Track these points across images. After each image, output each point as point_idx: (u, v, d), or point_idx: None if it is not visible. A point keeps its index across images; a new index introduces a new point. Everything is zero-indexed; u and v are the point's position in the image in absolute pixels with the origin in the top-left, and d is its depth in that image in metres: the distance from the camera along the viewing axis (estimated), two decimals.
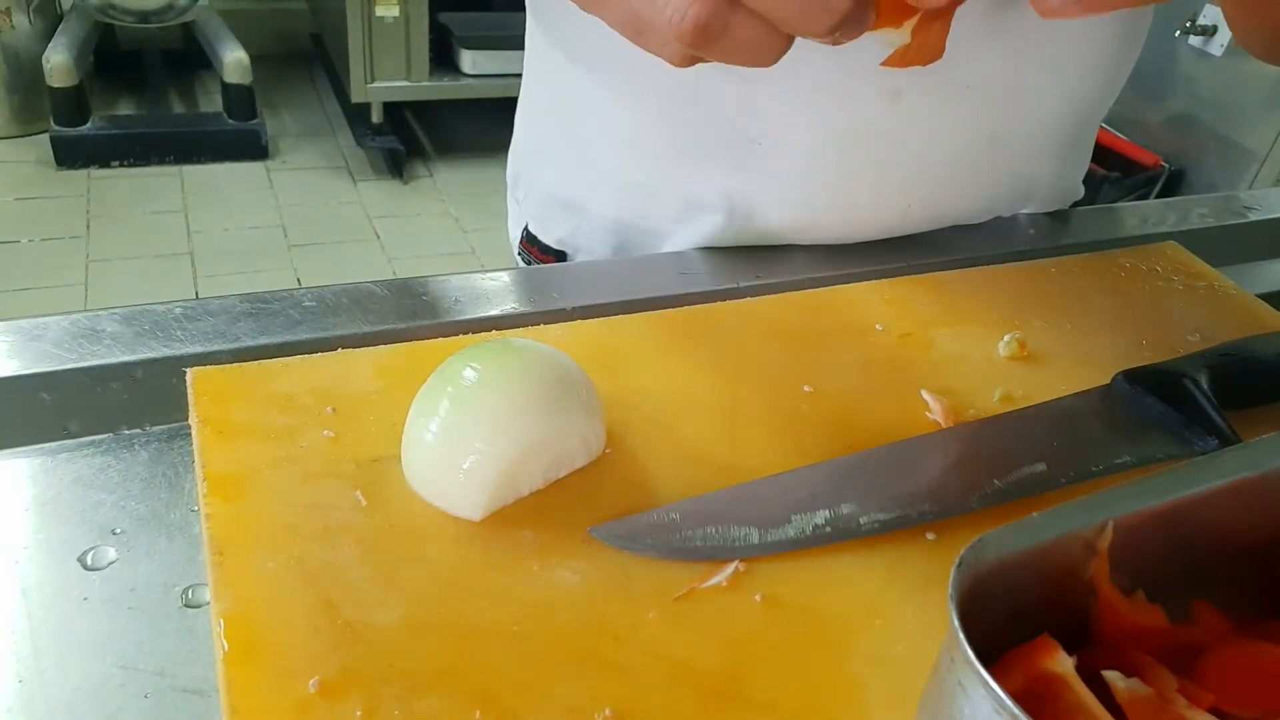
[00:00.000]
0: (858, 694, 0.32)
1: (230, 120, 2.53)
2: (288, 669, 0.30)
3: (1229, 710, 0.29)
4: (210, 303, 0.45)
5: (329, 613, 0.31)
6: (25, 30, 2.42)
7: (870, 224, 0.57)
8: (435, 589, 0.33)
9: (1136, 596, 0.32)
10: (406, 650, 0.31)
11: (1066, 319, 0.53)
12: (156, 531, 0.36)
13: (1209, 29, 1.95)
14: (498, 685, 0.30)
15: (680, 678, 0.31)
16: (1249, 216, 0.71)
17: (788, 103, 0.51)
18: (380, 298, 0.48)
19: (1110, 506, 0.30)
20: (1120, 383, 0.46)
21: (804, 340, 0.48)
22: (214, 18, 2.59)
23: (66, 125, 2.36)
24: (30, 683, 0.31)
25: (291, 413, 0.39)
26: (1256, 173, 1.98)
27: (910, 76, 0.50)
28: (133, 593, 0.34)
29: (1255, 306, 0.57)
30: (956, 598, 0.25)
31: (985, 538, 0.27)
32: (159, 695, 0.31)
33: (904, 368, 0.47)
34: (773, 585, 0.35)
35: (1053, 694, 0.27)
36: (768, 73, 0.50)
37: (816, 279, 0.55)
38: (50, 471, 0.38)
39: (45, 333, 0.42)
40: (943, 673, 0.26)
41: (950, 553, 0.26)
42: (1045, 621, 0.29)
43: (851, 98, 0.50)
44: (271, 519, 0.34)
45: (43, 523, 0.36)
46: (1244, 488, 0.32)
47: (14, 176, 2.35)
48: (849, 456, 0.41)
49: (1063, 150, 0.61)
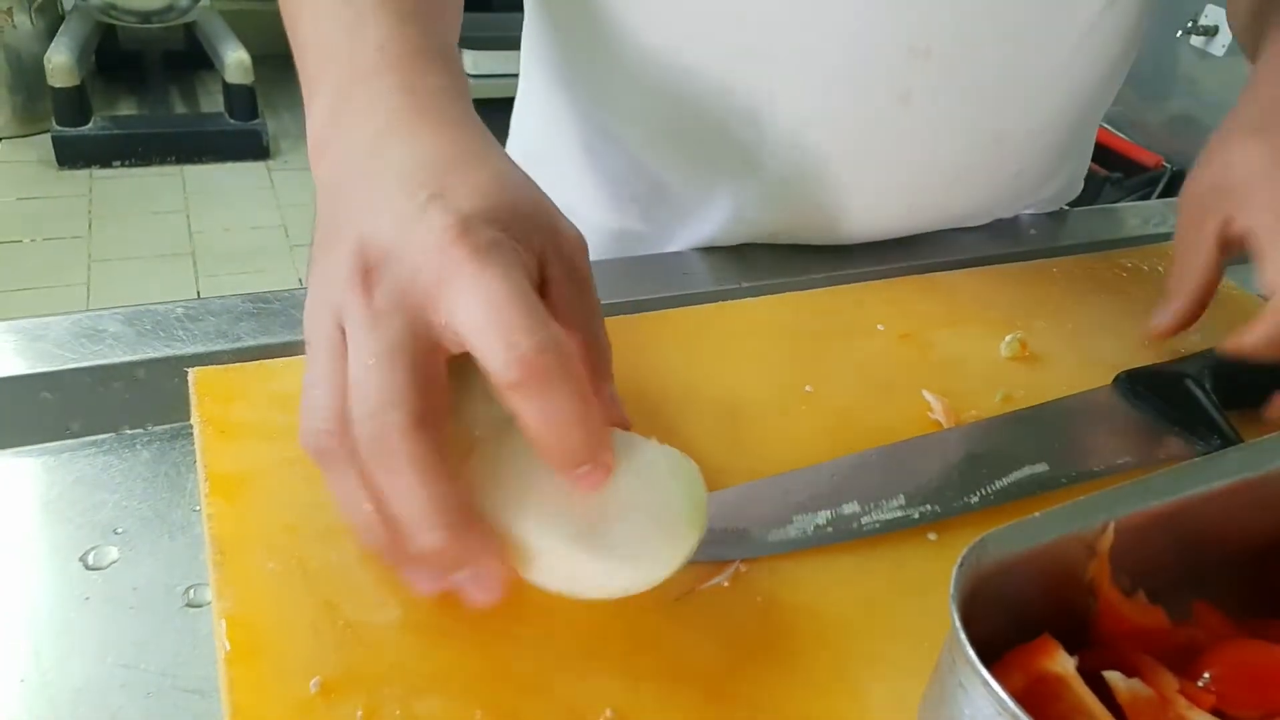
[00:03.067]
0: (858, 694, 0.32)
1: (231, 120, 2.53)
2: (289, 669, 0.30)
3: (1229, 710, 0.29)
4: (212, 302, 0.45)
5: (330, 613, 0.31)
6: (27, 30, 2.42)
7: (872, 224, 0.57)
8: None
9: (1137, 597, 0.32)
10: (407, 651, 0.31)
11: (1068, 319, 0.53)
12: (158, 531, 0.36)
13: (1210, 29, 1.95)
14: (498, 686, 0.30)
15: (681, 678, 0.31)
16: None
17: (797, 103, 0.51)
18: None
19: (1111, 507, 0.30)
20: (1122, 383, 0.46)
21: (804, 340, 0.48)
22: (215, 18, 2.60)
23: (68, 125, 2.37)
24: (32, 682, 0.31)
25: (293, 412, 0.38)
26: None
27: (920, 77, 0.50)
28: (134, 592, 0.34)
29: (1255, 306, 0.57)
30: (958, 598, 0.25)
31: (986, 538, 0.27)
32: (161, 695, 0.31)
33: (905, 368, 0.47)
34: (773, 586, 0.35)
35: (1054, 694, 0.27)
36: (777, 73, 0.50)
37: (816, 279, 0.55)
38: (52, 471, 0.38)
39: (47, 333, 0.42)
40: (944, 673, 0.26)
41: (951, 553, 0.26)
42: (1046, 622, 0.29)
43: (863, 98, 0.50)
44: (273, 519, 0.34)
45: (45, 522, 0.36)
46: (1244, 488, 0.32)
47: (15, 176, 2.35)
48: (850, 456, 0.41)
49: (1063, 149, 0.61)
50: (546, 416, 0.27)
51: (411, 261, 0.28)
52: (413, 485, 0.27)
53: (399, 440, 0.27)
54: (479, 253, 0.28)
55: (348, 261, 0.29)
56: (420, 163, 0.30)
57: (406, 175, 0.30)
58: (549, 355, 0.27)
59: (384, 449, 0.27)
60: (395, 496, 0.27)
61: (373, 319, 0.28)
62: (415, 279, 0.28)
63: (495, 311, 0.27)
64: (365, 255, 0.29)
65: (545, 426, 0.27)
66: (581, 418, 0.28)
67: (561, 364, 0.27)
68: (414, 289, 0.28)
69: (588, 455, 0.28)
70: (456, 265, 0.27)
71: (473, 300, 0.27)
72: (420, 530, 0.27)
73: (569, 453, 0.28)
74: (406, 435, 0.27)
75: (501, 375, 0.27)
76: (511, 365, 0.27)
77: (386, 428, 0.27)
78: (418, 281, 0.28)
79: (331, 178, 0.33)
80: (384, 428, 0.27)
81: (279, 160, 2.59)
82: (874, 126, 0.52)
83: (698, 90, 0.52)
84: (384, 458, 0.27)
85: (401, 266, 0.28)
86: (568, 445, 0.28)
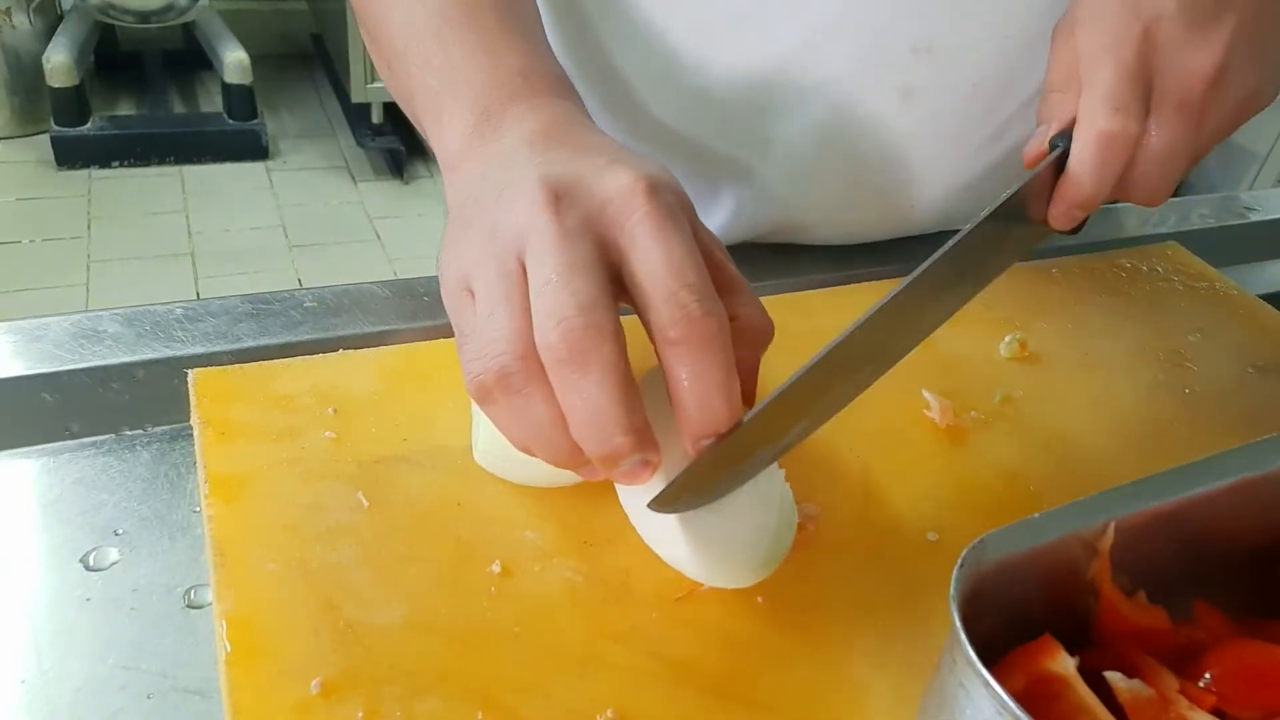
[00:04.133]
0: (858, 694, 0.32)
1: (230, 120, 2.53)
2: (289, 670, 0.30)
3: (1229, 710, 0.29)
4: (211, 303, 0.45)
5: (330, 614, 0.31)
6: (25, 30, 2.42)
7: (873, 224, 0.57)
8: (436, 590, 0.33)
9: (1138, 597, 0.32)
10: (407, 651, 0.31)
11: (1068, 320, 0.53)
12: (158, 532, 0.36)
13: None
14: (498, 686, 0.30)
15: (681, 678, 0.31)
16: (1249, 217, 0.71)
17: (799, 102, 0.51)
18: (381, 298, 0.48)
19: (1111, 507, 0.30)
20: None
21: (804, 341, 0.48)
22: (214, 18, 2.59)
23: (67, 125, 2.36)
24: (32, 683, 0.31)
25: (293, 414, 0.39)
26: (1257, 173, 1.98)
27: (921, 76, 0.50)
28: (134, 593, 0.34)
29: (1255, 307, 0.57)
30: (958, 598, 0.25)
31: (986, 538, 0.27)
32: (161, 696, 0.31)
33: (904, 368, 0.47)
34: (773, 586, 0.35)
35: (1054, 694, 0.27)
36: (780, 72, 0.50)
37: (816, 279, 0.55)
38: (52, 472, 0.38)
39: (46, 333, 0.42)
40: (944, 673, 0.26)
41: (951, 553, 0.26)
42: (1046, 622, 0.29)
43: (864, 96, 0.50)
44: (273, 520, 0.34)
45: (45, 523, 0.36)
46: (1244, 488, 0.32)
47: (14, 177, 2.35)
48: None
49: None
50: (697, 377, 0.28)
51: (603, 195, 0.30)
52: (607, 387, 0.28)
53: (598, 340, 0.27)
54: (663, 210, 0.29)
55: (532, 193, 0.30)
56: (582, 148, 0.32)
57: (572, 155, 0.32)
58: (713, 320, 0.28)
59: (582, 349, 0.27)
60: (586, 398, 0.28)
61: (564, 234, 0.29)
62: (605, 210, 0.30)
63: (674, 267, 0.29)
64: (553, 187, 0.30)
65: (693, 387, 0.29)
66: (727, 388, 0.29)
67: (720, 332, 0.29)
68: (603, 218, 0.30)
69: (725, 425, 0.29)
70: (645, 213, 0.29)
71: (656, 249, 0.29)
72: (609, 433, 0.28)
73: (708, 419, 0.29)
74: (603, 336, 0.28)
75: (666, 329, 0.28)
76: (679, 321, 0.28)
77: (587, 329, 0.27)
78: (607, 212, 0.30)
79: (471, 180, 0.34)
80: (584, 329, 0.27)
81: (278, 160, 2.58)
82: (875, 124, 0.52)
83: (699, 90, 0.52)
84: (582, 357, 0.27)
85: (592, 199, 0.30)
86: (708, 411, 0.29)
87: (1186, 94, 0.38)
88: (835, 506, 0.39)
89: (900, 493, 0.40)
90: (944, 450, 0.43)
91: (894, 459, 0.42)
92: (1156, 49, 0.38)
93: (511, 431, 0.31)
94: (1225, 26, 0.38)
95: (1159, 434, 0.46)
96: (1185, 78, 0.38)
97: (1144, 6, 0.38)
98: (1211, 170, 2.06)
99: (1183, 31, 0.38)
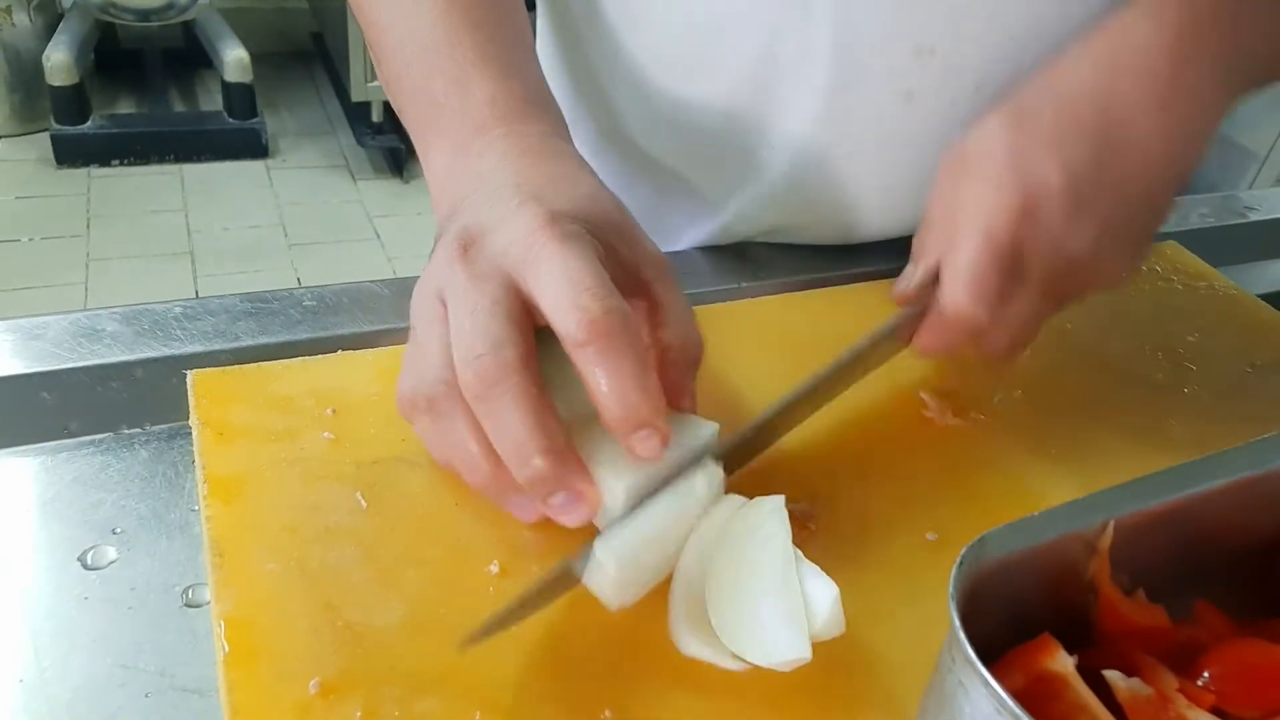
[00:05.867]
0: (858, 694, 0.32)
1: (230, 119, 2.53)
2: (288, 670, 0.30)
3: (1229, 710, 0.29)
4: (210, 302, 0.45)
5: (329, 614, 0.31)
6: (25, 28, 2.42)
7: (875, 224, 0.57)
8: (435, 590, 0.33)
9: (1137, 596, 0.32)
10: (407, 652, 0.31)
11: (1067, 319, 0.53)
12: (157, 531, 0.36)
13: None
14: (498, 687, 0.30)
15: (681, 678, 0.31)
16: (1249, 216, 0.71)
17: (801, 102, 0.51)
18: (381, 297, 0.47)
19: (1111, 506, 0.30)
20: None
21: (804, 341, 0.48)
22: (214, 16, 2.59)
23: (67, 124, 2.36)
24: (31, 682, 0.31)
25: (291, 414, 0.39)
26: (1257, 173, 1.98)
27: (922, 78, 0.50)
28: (133, 592, 0.34)
29: (1255, 306, 0.57)
30: (957, 597, 0.25)
31: (986, 537, 0.27)
32: (159, 695, 0.31)
33: (904, 368, 0.47)
34: None
35: (1053, 693, 0.27)
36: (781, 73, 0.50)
37: (816, 279, 0.55)
38: (50, 471, 0.38)
39: (45, 332, 0.42)
40: (943, 672, 0.26)
41: (950, 552, 0.26)
42: (1046, 621, 0.29)
43: (867, 97, 0.50)
44: (272, 520, 0.34)
45: (43, 522, 0.36)
46: (1244, 487, 0.32)
47: (14, 175, 2.34)
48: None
49: None
50: (608, 374, 0.30)
51: (506, 239, 0.33)
52: (519, 414, 0.30)
53: (503, 374, 0.30)
54: (561, 237, 0.32)
55: (450, 245, 0.33)
56: (522, 179, 0.35)
57: (509, 187, 0.35)
58: (613, 318, 0.30)
59: (492, 382, 0.30)
60: (502, 427, 0.30)
61: (471, 280, 0.32)
62: (508, 252, 0.32)
63: (569, 282, 0.31)
64: (465, 236, 0.33)
65: (607, 384, 0.30)
66: (640, 379, 0.30)
67: (624, 327, 0.30)
68: (506, 259, 0.32)
69: (646, 417, 0.30)
70: (541, 245, 0.32)
71: (552, 272, 0.31)
72: (526, 456, 0.30)
73: (628, 413, 0.30)
74: (510, 369, 0.30)
75: (572, 336, 0.30)
76: (581, 326, 0.30)
77: (493, 364, 0.30)
78: (510, 254, 0.32)
79: (449, 212, 0.37)
80: (491, 364, 0.30)
81: (278, 159, 2.58)
82: (877, 126, 0.52)
83: (703, 91, 0.52)
84: (493, 389, 0.30)
85: (496, 243, 0.33)
86: (627, 404, 0.30)
87: (1055, 276, 0.40)
88: (835, 506, 0.39)
89: (900, 493, 0.40)
90: (944, 450, 0.43)
91: (894, 459, 0.42)
92: (1035, 227, 0.39)
93: (435, 450, 0.35)
94: (1100, 211, 0.39)
95: (1159, 433, 0.46)
96: (1057, 260, 0.40)
97: (1030, 175, 0.39)
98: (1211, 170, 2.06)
99: (1062, 212, 0.39)
